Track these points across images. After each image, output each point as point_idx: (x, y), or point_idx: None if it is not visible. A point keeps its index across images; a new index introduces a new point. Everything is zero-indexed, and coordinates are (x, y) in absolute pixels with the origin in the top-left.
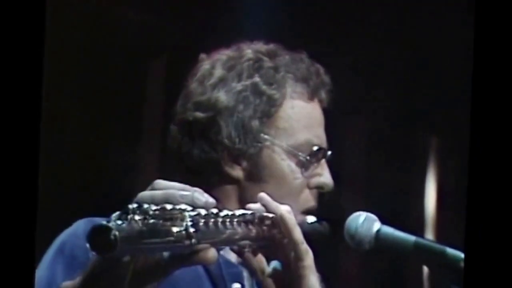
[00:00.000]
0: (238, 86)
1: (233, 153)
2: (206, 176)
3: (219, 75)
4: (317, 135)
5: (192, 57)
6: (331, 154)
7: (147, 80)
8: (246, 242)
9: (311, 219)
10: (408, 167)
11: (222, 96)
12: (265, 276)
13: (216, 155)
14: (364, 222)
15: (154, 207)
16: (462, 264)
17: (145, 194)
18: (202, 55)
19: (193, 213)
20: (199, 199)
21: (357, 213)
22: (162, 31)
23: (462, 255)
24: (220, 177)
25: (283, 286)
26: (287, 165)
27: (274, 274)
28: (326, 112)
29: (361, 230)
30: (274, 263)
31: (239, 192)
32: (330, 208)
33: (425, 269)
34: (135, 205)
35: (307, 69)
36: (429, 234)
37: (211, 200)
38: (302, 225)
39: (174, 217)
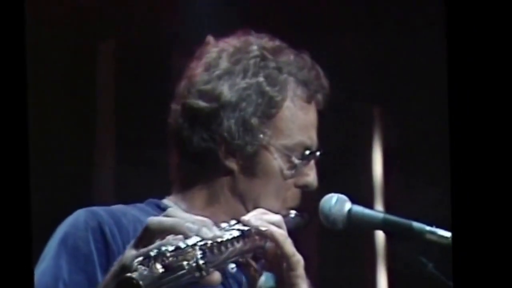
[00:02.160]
0: (243, 83)
1: (230, 147)
2: (203, 165)
3: (225, 67)
4: (310, 137)
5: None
6: (320, 154)
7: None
8: (243, 255)
9: (293, 213)
10: (353, 135)
11: (226, 90)
12: (258, 286)
13: (214, 145)
14: (337, 203)
15: (170, 248)
16: (427, 235)
17: (154, 220)
18: (209, 38)
19: (201, 243)
20: (207, 234)
21: (329, 194)
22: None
23: (427, 228)
24: (216, 167)
25: None
26: (279, 165)
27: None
28: (320, 113)
29: (334, 211)
30: (266, 274)
31: (232, 184)
32: None
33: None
34: (155, 252)
35: (308, 72)
36: (378, 199)
37: (219, 233)
38: (287, 220)
39: (186, 251)
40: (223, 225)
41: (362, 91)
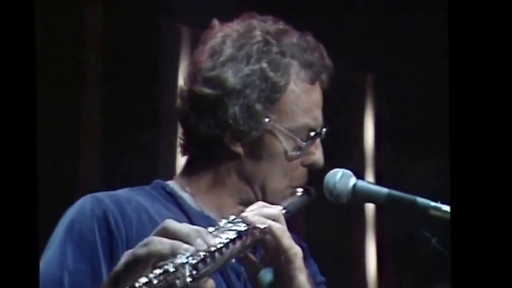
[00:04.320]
0: (246, 70)
1: (236, 133)
2: (209, 150)
3: (229, 53)
4: (314, 118)
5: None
6: (326, 131)
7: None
8: (241, 253)
9: (300, 190)
10: (345, 106)
11: (231, 77)
12: (258, 277)
13: (220, 132)
14: (341, 178)
15: (158, 271)
16: (431, 211)
17: (155, 243)
18: (214, 22)
19: (192, 260)
20: (202, 246)
21: (334, 170)
22: None
23: (432, 203)
24: (222, 152)
25: (275, 286)
26: (284, 147)
27: (266, 278)
28: (325, 92)
29: (339, 186)
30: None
31: (239, 167)
32: None
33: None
34: (141, 283)
35: (312, 53)
36: (369, 170)
37: (212, 242)
38: (294, 200)
39: (175, 271)
40: (222, 222)
41: (355, 60)
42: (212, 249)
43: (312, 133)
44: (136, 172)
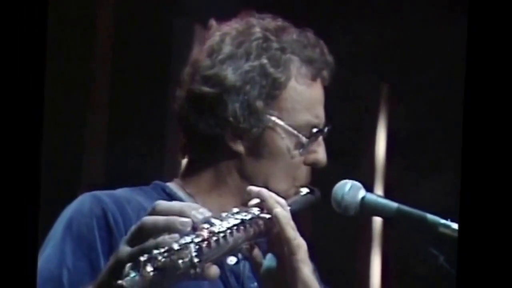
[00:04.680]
0: (246, 66)
1: (236, 131)
2: (209, 149)
3: (228, 51)
4: (316, 115)
5: None
6: (328, 129)
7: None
8: (246, 243)
9: (304, 190)
10: (359, 114)
11: (230, 75)
12: (262, 269)
13: (221, 131)
14: (350, 190)
15: (162, 250)
16: (440, 229)
17: (149, 220)
18: (212, 21)
19: (197, 240)
20: (197, 216)
21: (344, 181)
22: None
23: (441, 221)
24: (223, 151)
25: (278, 278)
26: (286, 145)
27: (269, 270)
28: (327, 89)
29: (347, 198)
30: (269, 256)
31: (240, 166)
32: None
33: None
34: (146, 257)
35: (312, 49)
36: (379, 183)
37: (208, 214)
38: (297, 198)
39: (179, 250)
40: (224, 214)
41: (370, 73)
42: (216, 230)
43: (315, 130)
44: (141, 173)
